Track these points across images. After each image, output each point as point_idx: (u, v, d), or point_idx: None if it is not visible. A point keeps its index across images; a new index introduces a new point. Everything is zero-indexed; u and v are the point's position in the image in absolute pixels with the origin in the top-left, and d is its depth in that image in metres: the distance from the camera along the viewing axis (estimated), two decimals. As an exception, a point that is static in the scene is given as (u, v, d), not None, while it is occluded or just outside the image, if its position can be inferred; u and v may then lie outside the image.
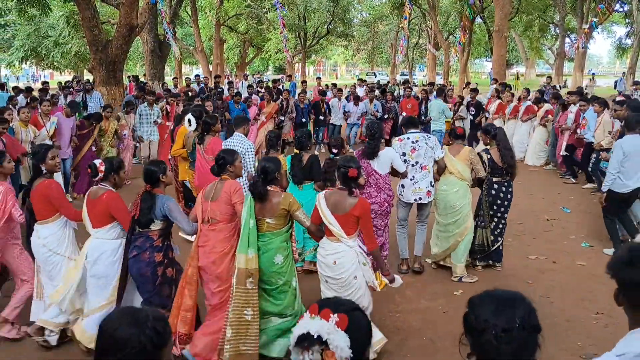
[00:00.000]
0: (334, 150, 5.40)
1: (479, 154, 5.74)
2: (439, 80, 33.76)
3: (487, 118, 12.26)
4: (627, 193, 6.13)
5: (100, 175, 4.10)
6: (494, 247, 5.86)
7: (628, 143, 6.01)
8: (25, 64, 34.95)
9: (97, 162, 4.13)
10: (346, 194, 3.93)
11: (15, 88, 15.07)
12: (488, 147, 5.77)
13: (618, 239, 6.43)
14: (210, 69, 31.10)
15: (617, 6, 26.35)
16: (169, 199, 4.09)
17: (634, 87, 17.12)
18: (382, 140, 5.74)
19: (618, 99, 11.03)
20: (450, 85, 19.41)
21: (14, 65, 32.89)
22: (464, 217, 5.61)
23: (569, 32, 34.05)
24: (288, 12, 30.83)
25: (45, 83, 15.22)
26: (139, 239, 4.03)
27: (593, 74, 27.49)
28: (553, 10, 32.28)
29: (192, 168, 6.65)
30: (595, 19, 21.68)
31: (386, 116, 12.95)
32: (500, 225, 5.86)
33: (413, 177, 5.53)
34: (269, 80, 28.05)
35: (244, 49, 37.92)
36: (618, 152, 6.00)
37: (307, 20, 32.52)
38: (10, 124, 7.37)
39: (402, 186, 5.64)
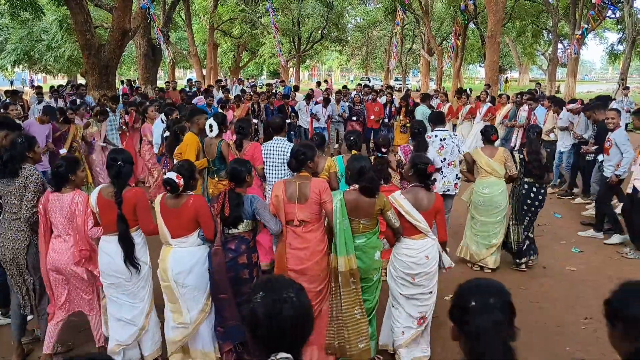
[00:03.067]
0: (383, 150, 5.58)
1: (511, 152, 6.09)
2: (432, 85, 33.90)
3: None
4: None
5: (179, 190, 3.82)
6: (525, 245, 6.08)
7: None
8: (18, 67, 34.81)
9: (173, 175, 3.77)
10: (424, 190, 4.05)
11: (7, 92, 15.02)
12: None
13: (619, 224, 6.88)
14: (204, 73, 31.10)
15: (609, 12, 26.52)
16: (255, 197, 3.95)
17: (624, 93, 17.29)
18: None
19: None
20: (443, 90, 19.41)
21: (6, 69, 32.78)
22: (505, 214, 6.01)
23: (562, 38, 34.24)
24: (282, 17, 30.88)
25: (38, 87, 15.12)
26: (232, 242, 3.88)
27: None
28: (546, 16, 32.45)
29: (216, 177, 5.86)
30: (586, 26, 21.79)
31: (354, 118, 13.01)
32: (525, 224, 6.09)
33: (442, 172, 6.05)
34: (262, 85, 28.08)
35: (238, 53, 37.91)
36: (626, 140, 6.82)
37: (301, 25, 32.54)
38: None
39: (434, 180, 5.76)
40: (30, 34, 28.46)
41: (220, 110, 11.84)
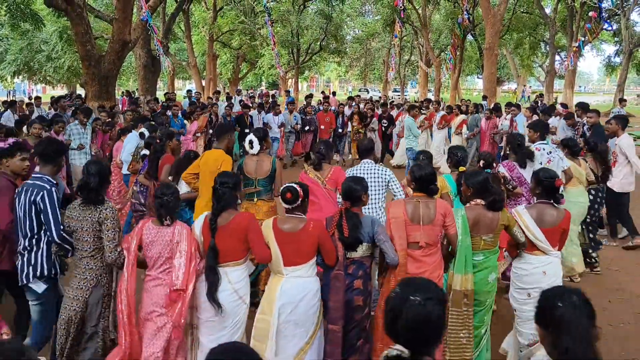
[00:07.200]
0: (494, 165, 5.44)
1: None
2: (430, 96, 34.00)
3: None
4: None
5: (298, 202, 3.53)
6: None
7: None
8: (18, 78, 34.91)
9: (295, 185, 3.55)
10: (551, 206, 3.89)
11: (5, 102, 15.04)
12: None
13: (635, 228, 7.12)
14: (203, 84, 31.20)
15: (606, 25, 26.72)
16: (376, 220, 3.69)
17: (620, 105, 17.57)
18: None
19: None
20: (442, 101, 19.49)
21: (6, 80, 32.87)
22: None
23: (559, 50, 34.45)
24: (281, 28, 31.03)
25: (37, 98, 15.14)
26: (351, 266, 3.63)
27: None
28: (543, 29, 32.68)
29: (257, 199, 5.25)
30: (583, 38, 21.95)
31: (307, 128, 12.94)
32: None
33: None
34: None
35: (237, 64, 38.05)
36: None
37: (300, 37, 32.67)
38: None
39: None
40: (30, 45, 28.54)
41: (185, 121, 11.78)
